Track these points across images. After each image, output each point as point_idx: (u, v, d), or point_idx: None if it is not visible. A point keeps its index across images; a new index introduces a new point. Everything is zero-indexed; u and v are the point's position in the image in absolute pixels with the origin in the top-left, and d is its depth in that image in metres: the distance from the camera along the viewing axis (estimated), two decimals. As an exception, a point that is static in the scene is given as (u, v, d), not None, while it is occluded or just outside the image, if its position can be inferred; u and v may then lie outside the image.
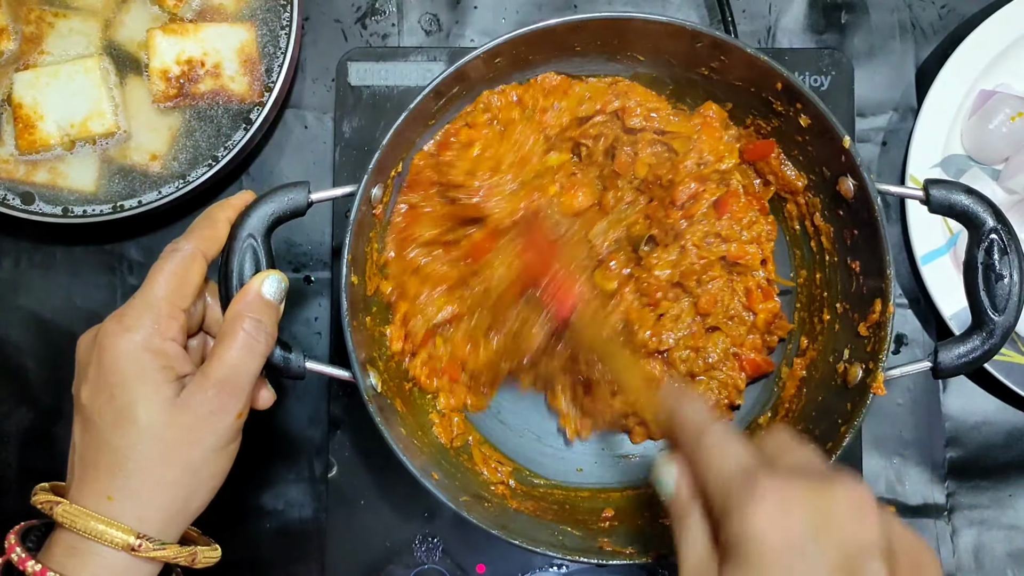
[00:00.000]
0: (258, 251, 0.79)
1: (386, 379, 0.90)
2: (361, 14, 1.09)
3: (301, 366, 0.81)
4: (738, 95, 0.92)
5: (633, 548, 0.86)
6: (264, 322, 0.76)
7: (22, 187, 1.00)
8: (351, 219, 0.84)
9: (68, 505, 0.71)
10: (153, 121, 1.01)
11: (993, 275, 0.80)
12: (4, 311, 1.06)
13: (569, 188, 0.95)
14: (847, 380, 0.88)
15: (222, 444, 0.74)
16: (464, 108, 0.92)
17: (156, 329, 0.72)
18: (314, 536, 1.03)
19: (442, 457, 0.92)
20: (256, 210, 0.79)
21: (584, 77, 0.94)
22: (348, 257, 0.84)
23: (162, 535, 0.72)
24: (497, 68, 0.90)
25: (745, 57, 0.87)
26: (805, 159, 0.92)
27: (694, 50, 0.89)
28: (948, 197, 0.82)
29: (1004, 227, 0.81)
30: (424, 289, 0.93)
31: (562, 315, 0.88)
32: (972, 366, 0.82)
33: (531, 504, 0.93)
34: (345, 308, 0.83)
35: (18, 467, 1.05)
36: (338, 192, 0.83)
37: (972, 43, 1.03)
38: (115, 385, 0.71)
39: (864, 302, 0.88)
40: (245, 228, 0.79)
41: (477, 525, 0.83)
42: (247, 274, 0.78)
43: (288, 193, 0.80)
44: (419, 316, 0.93)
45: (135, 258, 1.06)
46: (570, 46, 0.91)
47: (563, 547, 0.86)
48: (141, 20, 1.02)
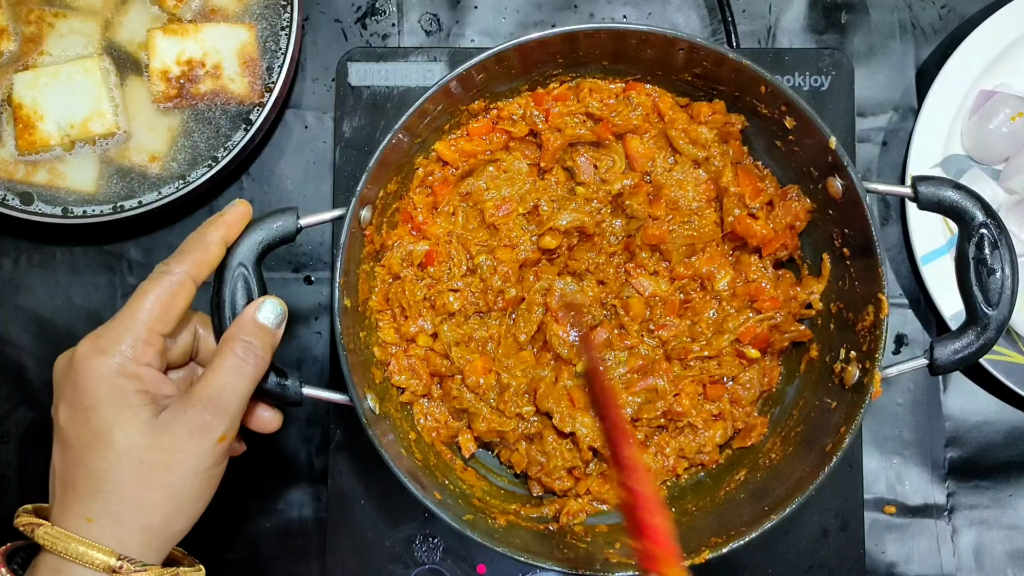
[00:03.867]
0: (249, 280, 0.78)
1: (383, 393, 0.90)
2: (361, 14, 1.09)
3: (298, 392, 0.81)
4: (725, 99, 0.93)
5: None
6: (255, 344, 0.74)
7: (22, 187, 1.00)
8: (341, 243, 0.83)
9: (49, 527, 0.70)
10: (153, 121, 1.01)
11: (985, 269, 0.80)
12: (4, 311, 1.06)
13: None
14: (844, 380, 0.88)
15: (204, 467, 0.72)
16: (446, 123, 0.93)
17: (132, 354, 0.71)
18: (314, 536, 1.03)
19: (444, 474, 0.92)
20: (245, 239, 0.79)
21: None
22: (340, 280, 0.84)
23: (144, 557, 0.70)
24: (480, 84, 0.90)
25: (728, 62, 0.86)
26: (792, 162, 0.92)
27: (676, 57, 0.89)
28: (936, 193, 0.82)
29: (994, 221, 0.80)
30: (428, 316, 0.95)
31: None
32: (968, 361, 0.82)
33: (533, 516, 0.93)
34: (340, 332, 0.83)
35: (18, 467, 1.05)
36: (327, 216, 0.83)
37: (972, 43, 1.03)
38: (90, 408, 0.70)
39: (858, 302, 0.88)
40: (235, 257, 0.78)
41: (478, 540, 0.83)
42: (239, 303, 0.78)
43: (277, 220, 0.80)
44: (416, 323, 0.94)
45: (135, 258, 1.06)
46: (551, 57, 0.91)
47: (568, 560, 0.85)
48: (141, 20, 1.02)
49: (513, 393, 0.92)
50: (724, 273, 0.95)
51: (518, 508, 0.93)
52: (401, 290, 0.93)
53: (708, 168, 0.95)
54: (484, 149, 0.95)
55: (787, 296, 0.94)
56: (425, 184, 0.95)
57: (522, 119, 0.94)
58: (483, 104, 0.93)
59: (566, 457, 0.93)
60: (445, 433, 0.94)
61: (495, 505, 0.92)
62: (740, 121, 0.93)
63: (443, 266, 0.94)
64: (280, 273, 1.05)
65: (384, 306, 0.94)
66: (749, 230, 0.93)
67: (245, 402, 0.74)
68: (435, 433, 0.94)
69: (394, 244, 0.94)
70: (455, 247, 0.94)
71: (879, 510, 1.04)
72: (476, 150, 0.94)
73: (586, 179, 0.96)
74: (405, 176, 0.93)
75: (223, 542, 1.04)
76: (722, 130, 0.94)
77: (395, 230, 0.94)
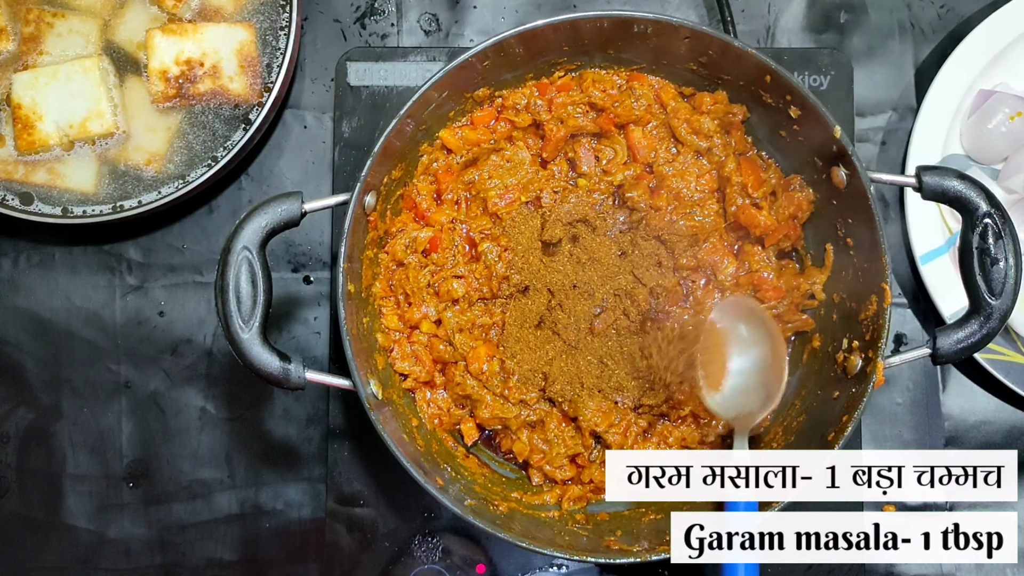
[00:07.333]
0: (253, 264, 0.78)
1: (385, 380, 0.90)
2: (360, 14, 1.09)
3: (301, 377, 0.81)
4: (730, 90, 0.93)
5: (641, 546, 0.86)
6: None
7: (21, 187, 1.00)
8: (345, 229, 0.83)
9: None
10: (152, 121, 1.01)
11: (988, 259, 0.80)
12: (3, 311, 1.06)
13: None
14: (847, 370, 0.88)
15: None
16: (451, 111, 0.93)
17: None
18: (314, 536, 1.03)
19: (446, 461, 0.92)
20: (250, 222, 0.79)
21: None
22: (344, 266, 0.84)
23: None
24: (485, 71, 0.91)
25: (733, 51, 0.87)
26: (796, 152, 0.92)
27: (680, 45, 0.90)
28: (941, 183, 0.82)
29: (998, 211, 0.81)
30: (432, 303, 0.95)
31: None
32: (971, 350, 0.82)
33: (535, 504, 0.93)
34: (343, 318, 0.83)
35: (18, 467, 1.05)
36: (332, 201, 0.83)
37: (971, 43, 1.03)
38: None
39: (861, 292, 0.88)
40: (239, 241, 0.78)
41: (479, 526, 0.83)
42: (243, 288, 0.78)
43: (281, 204, 0.80)
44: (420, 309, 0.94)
45: (134, 258, 1.06)
46: (558, 46, 0.91)
47: (569, 547, 0.86)
48: (140, 20, 1.02)
49: (519, 379, 0.93)
50: (727, 263, 0.95)
51: (520, 495, 0.93)
52: (405, 277, 0.94)
53: (711, 158, 0.95)
54: (488, 138, 0.95)
55: (790, 286, 0.94)
56: (429, 172, 0.96)
57: (526, 109, 0.95)
58: (488, 92, 0.94)
59: (568, 444, 0.93)
60: (448, 420, 0.95)
61: (497, 492, 0.92)
62: (742, 111, 0.93)
63: (447, 253, 0.94)
64: (280, 273, 1.05)
65: (388, 293, 0.94)
66: (752, 220, 0.93)
67: None
68: (437, 420, 0.95)
69: (398, 231, 0.94)
70: (459, 234, 0.95)
71: (879, 509, 1.04)
72: (480, 139, 0.95)
73: (588, 170, 0.97)
74: (409, 163, 0.93)
75: (223, 542, 1.04)
76: (724, 120, 0.94)
77: (399, 217, 0.95)
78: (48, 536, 1.03)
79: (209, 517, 1.04)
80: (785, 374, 0.84)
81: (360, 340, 0.87)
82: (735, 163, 0.95)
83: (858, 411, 0.83)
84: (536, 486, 0.95)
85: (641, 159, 0.96)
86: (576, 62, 0.95)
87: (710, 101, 0.94)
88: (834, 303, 0.92)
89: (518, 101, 0.95)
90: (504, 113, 0.96)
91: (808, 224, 0.95)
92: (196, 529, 1.04)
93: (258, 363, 0.80)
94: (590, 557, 0.84)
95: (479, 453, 0.96)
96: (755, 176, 0.94)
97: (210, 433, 1.04)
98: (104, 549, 1.04)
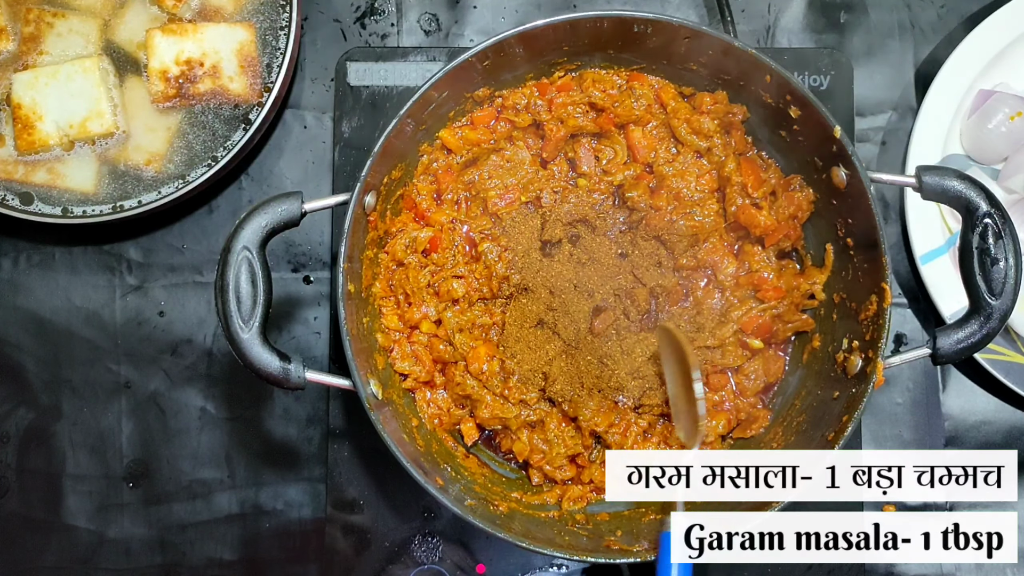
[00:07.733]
0: (253, 263, 0.78)
1: (385, 380, 0.90)
2: (360, 14, 1.09)
3: (301, 377, 0.81)
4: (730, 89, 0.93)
5: (641, 546, 0.86)
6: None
7: (21, 187, 1.00)
8: (345, 229, 0.83)
9: None
10: (152, 121, 1.01)
11: (988, 259, 0.80)
12: (3, 311, 1.06)
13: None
14: (847, 370, 0.88)
15: None
16: (451, 111, 0.93)
17: None
18: (314, 536, 1.03)
19: (446, 461, 0.93)
20: (250, 222, 0.79)
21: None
22: (344, 266, 0.84)
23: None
24: (485, 71, 0.91)
25: (733, 51, 0.87)
26: (796, 152, 0.92)
27: (680, 45, 0.90)
28: (941, 183, 0.82)
29: (998, 211, 0.81)
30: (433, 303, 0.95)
31: None
32: (971, 350, 0.82)
33: (535, 504, 0.93)
34: (343, 318, 0.83)
35: (18, 467, 1.05)
36: (331, 201, 0.83)
37: (971, 43, 1.03)
38: None
39: (861, 291, 0.88)
40: (239, 241, 0.78)
41: (479, 526, 0.83)
42: (243, 287, 0.78)
43: (281, 204, 0.80)
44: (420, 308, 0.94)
45: (134, 258, 1.06)
46: (558, 45, 0.91)
47: (569, 547, 0.86)
48: (140, 20, 1.02)
49: (519, 379, 0.93)
50: (727, 263, 0.95)
51: (520, 495, 0.94)
52: (405, 277, 0.94)
53: (711, 158, 0.96)
54: (488, 138, 0.95)
55: (790, 286, 0.95)
56: (429, 172, 0.96)
57: (526, 109, 0.95)
58: (488, 92, 0.94)
59: (568, 444, 0.93)
60: (448, 420, 0.95)
61: (497, 492, 0.93)
62: (742, 111, 0.93)
63: (447, 253, 0.95)
64: (280, 273, 1.05)
65: (388, 293, 0.94)
66: (752, 220, 0.93)
67: None
68: (437, 420, 0.95)
69: (398, 231, 0.94)
70: (459, 234, 0.95)
71: (879, 509, 1.03)
72: (480, 139, 0.95)
73: (588, 170, 0.97)
74: (409, 163, 0.93)
75: (223, 542, 1.04)
76: (724, 120, 0.94)
77: (399, 217, 0.95)
78: (48, 536, 1.03)
79: (209, 517, 1.04)
80: (699, 410, 0.84)
81: (360, 340, 0.87)
82: (735, 163, 0.95)
83: (858, 411, 0.83)
84: (536, 486, 0.95)
85: (641, 159, 0.96)
86: (576, 62, 0.95)
87: (710, 101, 0.94)
88: (834, 303, 0.92)
89: (518, 101, 0.95)
90: (504, 113, 0.96)
91: (808, 224, 0.95)
92: (196, 529, 1.04)
93: (258, 363, 0.80)
94: (590, 557, 0.84)
95: (479, 453, 0.96)
96: (755, 176, 0.94)
97: (210, 433, 1.04)
98: (104, 549, 1.04)
